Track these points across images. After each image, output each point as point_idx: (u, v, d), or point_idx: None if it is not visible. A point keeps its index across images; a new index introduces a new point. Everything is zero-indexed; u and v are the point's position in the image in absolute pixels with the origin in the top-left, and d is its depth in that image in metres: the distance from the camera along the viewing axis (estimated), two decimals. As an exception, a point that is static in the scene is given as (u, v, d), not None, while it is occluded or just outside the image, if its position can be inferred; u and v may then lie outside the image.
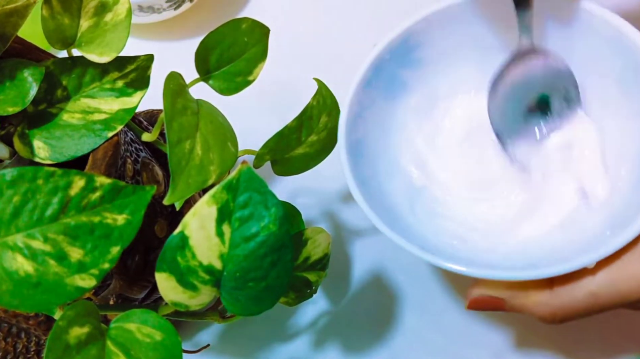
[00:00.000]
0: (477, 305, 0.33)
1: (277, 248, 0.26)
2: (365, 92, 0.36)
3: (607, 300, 0.30)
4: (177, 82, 0.30)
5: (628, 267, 0.29)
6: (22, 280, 0.25)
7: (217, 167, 0.29)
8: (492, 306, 0.32)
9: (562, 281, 0.30)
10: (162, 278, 0.26)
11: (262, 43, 0.34)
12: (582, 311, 0.30)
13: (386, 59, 0.37)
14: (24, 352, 0.37)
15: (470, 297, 0.33)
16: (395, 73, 0.38)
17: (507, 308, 0.32)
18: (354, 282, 0.44)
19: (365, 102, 0.36)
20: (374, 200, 0.34)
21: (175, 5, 0.54)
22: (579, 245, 0.32)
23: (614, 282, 0.29)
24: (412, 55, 0.38)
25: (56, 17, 0.31)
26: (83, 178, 0.25)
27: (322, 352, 0.42)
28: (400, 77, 0.38)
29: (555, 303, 0.31)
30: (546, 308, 0.31)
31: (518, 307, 0.32)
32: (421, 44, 0.37)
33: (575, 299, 0.30)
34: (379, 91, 0.37)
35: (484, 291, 0.32)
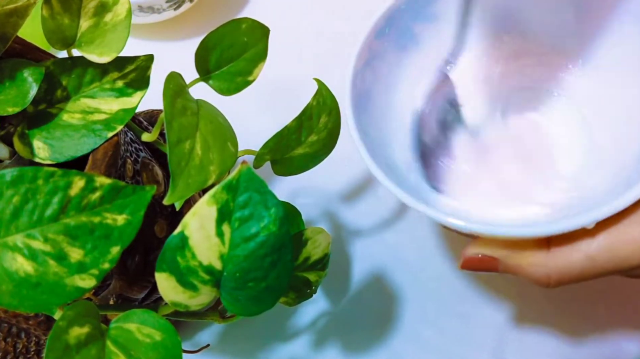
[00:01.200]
0: (471, 264, 0.32)
1: (277, 248, 0.26)
2: (377, 41, 0.35)
3: (605, 264, 0.28)
4: (177, 82, 0.30)
5: (628, 231, 0.28)
6: (22, 280, 0.25)
7: (217, 167, 0.29)
8: (486, 266, 0.31)
9: (560, 242, 0.29)
10: (162, 278, 0.26)
11: (262, 43, 0.34)
12: (578, 274, 0.29)
13: (401, 9, 0.36)
14: (24, 352, 0.37)
15: (465, 256, 0.32)
16: (408, 25, 0.37)
17: (501, 268, 0.31)
18: (354, 282, 0.44)
19: (375, 52, 0.36)
20: (376, 154, 0.33)
21: (175, 5, 0.54)
22: (581, 205, 0.31)
23: (613, 245, 0.28)
24: (428, 9, 0.37)
25: (56, 17, 0.31)
26: (83, 179, 0.25)
27: (322, 352, 0.42)
28: (412, 29, 0.37)
29: (551, 264, 0.29)
30: (541, 269, 0.30)
31: (512, 267, 0.31)
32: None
33: (571, 262, 0.29)
34: (390, 42, 0.36)
35: (479, 250, 0.31)
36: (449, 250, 0.44)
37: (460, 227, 0.30)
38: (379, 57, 0.36)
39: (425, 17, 0.37)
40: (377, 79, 0.36)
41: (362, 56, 0.35)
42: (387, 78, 0.37)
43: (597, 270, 0.29)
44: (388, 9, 0.36)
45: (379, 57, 0.36)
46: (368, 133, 0.34)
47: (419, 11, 0.37)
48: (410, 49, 0.38)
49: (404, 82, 0.38)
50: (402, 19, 0.36)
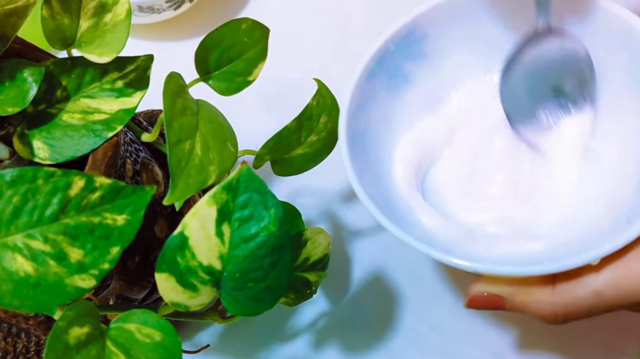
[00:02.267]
0: (477, 303, 0.32)
1: (277, 249, 0.26)
2: (368, 83, 0.35)
3: (612, 299, 0.29)
4: (177, 82, 0.30)
5: (634, 265, 0.28)
6: (22, 281, 0.25)
7: (216, 167, 0.29)
8: (492, 305, 0.32)
9: (565, 278, 0.30)
10: (162, 279, 0.26)
11: (262, 43, 0.34)
12: (585, 311, 0.29)
13: (391, 50, 0.36)
14: (24, 352, 0.37)
15: (470, 294, 0.32)
16: (398, 65, 0.37)
17: (507, 306, 0.31)
18: (354, 282, 0.44)
19: (368, 93, 0.36)
20: (374, 192, 0.33)
21: (175, 5, 0.54)
22: (584, 241, 0.31)
23: (619, 280, 0.28)
24: (418, 48, 0.37)
25: (56, 17, 0.31)
26: (83, 179, 0.25)
27: (322, 352, 0.42)
28: (403, 69, 0.37)
29: (557, 301, 0.30)
30: (548, 306, 0.30)
31: (519, 306, 0.31)
32: (427, 36, 0.37)
33: (578, 298, 0.29)
34: (382, 83, 0.36)
35: (484, 288, 0.31)
36: (448, 250, 0.44)
37: (465, 267, 0.30)
38: (371, 98, 0.36)
39: (415, 56, 0.37)
40: (370, 120, 0.36)
41: (354, 99, 0.35)
42: (382, 117, 0.37)
43: (603, 305, 0.29)
44: (377, 50, 0.35)
45: (371, 98, 0.36)
46: (365, 173, 0.34)
47: (409, 50, 0.37)
48: (402, 87, 0.38)
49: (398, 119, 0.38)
50: (392, 59, 0.36)
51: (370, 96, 0.36)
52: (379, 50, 0.35)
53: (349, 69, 0.35)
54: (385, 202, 0.34)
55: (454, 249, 0.33)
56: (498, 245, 0.34)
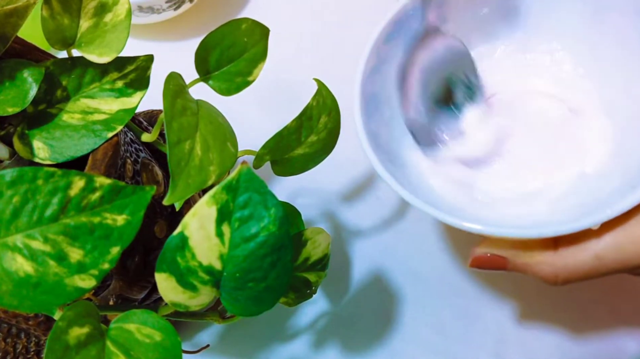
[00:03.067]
0: (480, 263, 0.33)
1: (277, 249, 0.26)
2: (385, 46, 0.35)
3: (612, 263, 0.29)
4: (177, 82, 0.30)
5: (634, 230, 0.29)
6: (22, 281, 0.25)
7: (216, 167, 0.29)
8: (495, 265, 0.32)
9: (567, 242, 0.30)
10: (161, 279, 0.26)
11: (262, 43, 0.34)
12: (585, 273, 0.30)
13: (409, 14, 0.36)
14: (24, 352, 0.37)
15: (474, 255, 0.33)
16: (416, 28, 0.36)
17: (509, 266, 0.32)
18: (354, 282, 0.44)
19: (384, 56, 0.35)
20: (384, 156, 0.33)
21: (175, 5, 0.54)
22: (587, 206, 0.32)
23: (619, 245, 0.29)
24: (437, 12, 0.37)
25: (56, 17, 0.31)
26: (83, 179, 0.25)
27: (322, 352, 0.42)
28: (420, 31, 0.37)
29: (558, 263, 0.30)
30: (549, 268, 0.31)
31: (520, 266, 0.32)
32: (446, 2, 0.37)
33: (579, 261, 0.30)
34: (399, 46, 0.36)
35: (488, 249, 0.32)
36: (449, 250, 0.44)
37: (470, 229, 0.30)
38: (387, 62, 0.36)
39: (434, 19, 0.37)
40: (385, 83, 0.36)
41: (370, 61, 0.35)
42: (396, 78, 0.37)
43: (604, 269, 0.30)
44: (396, 13, 0.35)
45: (388, 62, 0.36)
46: (378, 136, 0.34)
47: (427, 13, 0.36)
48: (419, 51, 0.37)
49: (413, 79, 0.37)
50: (410, 23, 0.36)
51: (386, 59, 0.36)
52: (398, 13, 0.35)
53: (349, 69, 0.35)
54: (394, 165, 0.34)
55: (460, 212, 0.33)
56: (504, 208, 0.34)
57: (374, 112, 0.35)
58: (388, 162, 0.33)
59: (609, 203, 0.29)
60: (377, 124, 0.35)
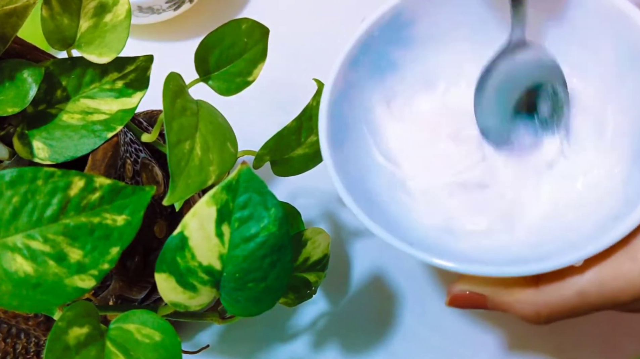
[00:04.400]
0: (458, 302, 0.32)
1: (277, 249, 0.26)
2: (352, 71, 0.34)
3: (595, 300, 0.29)
4: (177, 82, 0.30)
5: (618, 266, 0.28)
6: (22, 281, 0.25)
7: (216, 167, 0.29)
8: (474, 303, 0.31)
9: (549, 279, 0.29)
10: (161, 279, 0.26)
11: (262, 43, 0.34)
12: (569, 311, 0.29)
13: (375, 36, 0.34)
14: (24, 353, 0.37)
15: (452, 293, 0.32)
16: (383, 51, 0.35)
17: (489, 305, 0.31)
18: (354, 283, 0.44)
19: (351, 81, 0.34)
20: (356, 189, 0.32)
21: (174, 6, 0.54)
22: (566, 240, 0.31)
23: (602, 281, 0.28)
24: (404, 33, 0.35)
25: (56, 17, 0.31)
26: (82, 179, 0.25)
27: (322, 352, 0.42)
28: (389, 55, 0.36)
29: (539, 301, 0.29)
30: (530, 306, 0.30)
31: (500, 305, 0.31)
32: (414, 21, 0.35)
33: (561, 298, 0.29)
34: (365, 70, 0.35)
35: (466, 287, 0.31)
36: (448, 250, 0.44)
37: (447, 268, 0.29)
38: (355, 86, 0.34)
39: (401, 41, 0.36)
40: (353, 108, 0.34)
41: (336, 87, 0.33)
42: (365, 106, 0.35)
43: (587, 306, 0.29)
44: (360, 36, 0.34)
45: (355, 86, 0.34)
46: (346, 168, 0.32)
47: (394, 36, 0.35)
48: (387, 73, 0.36)
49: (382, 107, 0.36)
50: (377, 46, 0.35)
51: (353, 84, 0.34)
52: (363, 35, 0.34)
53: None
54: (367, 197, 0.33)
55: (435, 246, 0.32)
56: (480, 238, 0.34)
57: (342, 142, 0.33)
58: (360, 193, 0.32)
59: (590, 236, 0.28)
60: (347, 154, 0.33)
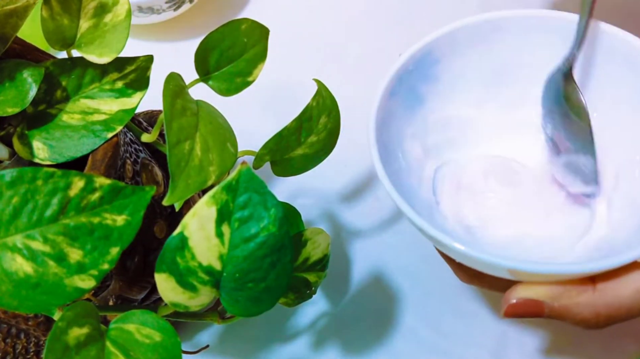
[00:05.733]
0: (516, 310, 0.30)
1: (277, 249, 0.26)
2: (390, 101, 0.36)
3: None
4: (177, 82, 0.30)
5: None
6: (22, 281, 0.25)
7: (216, 167, 0.29)
8: (531, 311, 0.30)
9: (606, 278, 0.29)
10: (161, 279, 0.26)
11: (262, 44, 0.34)
12: (628, 310, 0.28)
13: (409, 70, 0.36)
14: (24, 353, 0.37)
15: (509, 302, 0.30)
16: (414, 86, 0.37)
17: (546, 312, 0.30)
18: (354, 283, 0.44)
19: (390, 110, 0.36)
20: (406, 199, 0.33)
21: (174, 6, 0.54)
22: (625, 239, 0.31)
23: None
24: (431, 70, 0.37)
25: (56, 17, 0.31)
26: (82, 179, 0.25)
27: (322, 353, 0.42)
28: (418, 90, 0.38)
29: (599, 302, 0.28)
30: (589, 308, 0.29)
31: (559, 310, 0.29)
32: (439, 60, 0.37)
33: (621, 297, 0.28)
34: (400, 101, 0.37)
35: (523, 294, 0.30)
36: (448, 250, 0.44)
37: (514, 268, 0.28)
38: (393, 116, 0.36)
39: (428, 78, 0.38)
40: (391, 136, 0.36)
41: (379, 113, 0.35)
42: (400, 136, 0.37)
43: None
44: (399, 69, 0.36)
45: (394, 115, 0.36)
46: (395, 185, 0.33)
47: (424, 72, 0.37)
48: (416, 108, 0.38)
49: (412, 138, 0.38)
50: (410, 80, 0.37)
51: (391, 112, 0.36)
52: (399, 69, 0.36)
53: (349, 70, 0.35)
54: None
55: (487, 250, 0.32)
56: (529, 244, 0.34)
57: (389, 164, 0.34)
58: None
59: None
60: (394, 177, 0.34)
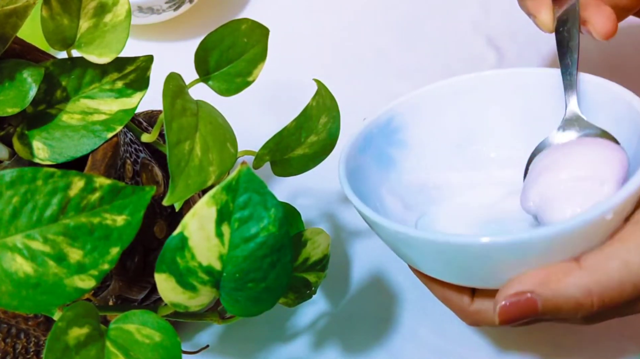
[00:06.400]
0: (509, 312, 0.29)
1: (277, 249, 0.26)
2: (360, 157, 0.36)
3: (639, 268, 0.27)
4: (177, 82, 0.30)
5: None
6: (22, 281, 0.25)
7: (216, 167, 0.29)
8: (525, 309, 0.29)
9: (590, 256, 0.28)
10: (161, 279, 0.26)
11: (262, 44, 0.34)
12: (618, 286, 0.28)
13: (375, 133, 0.37)
14: (24, 353, 0.37)
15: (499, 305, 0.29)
16: (383, 149, 0.37)
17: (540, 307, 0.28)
18: (354, 283, 0.44)
19: (361, 164, 0.36)
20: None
21: (174, 6, 0.54)
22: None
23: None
24: (397, 136, 0.38)
25: (56, 17, 0.31)
26: (82, 179, 0.25)
27: (322, 353, 0.42)
28: (388, 153, 0.38)
29: (589, 280, 0.28)
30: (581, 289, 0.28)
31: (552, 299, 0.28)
32: (405, 126, 0.37)
33: (609, 273, 0.28)
34: (372, 159, 0.37)
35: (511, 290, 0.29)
36: (448, 250, 0.44)
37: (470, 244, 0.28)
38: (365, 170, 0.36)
39: (396, 142, 0.38)
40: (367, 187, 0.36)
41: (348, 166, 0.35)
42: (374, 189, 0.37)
43: (634, 276, 0.28)
44: (364, 129, 0.36)
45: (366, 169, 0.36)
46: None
47: (390, 137, 0.37)
48: (390, 169, 0.38)
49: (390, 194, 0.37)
50: (377, 141, 0.37)
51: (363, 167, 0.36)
52: (364, 131, 0.36)
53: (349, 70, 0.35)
54: None
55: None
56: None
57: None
58: None
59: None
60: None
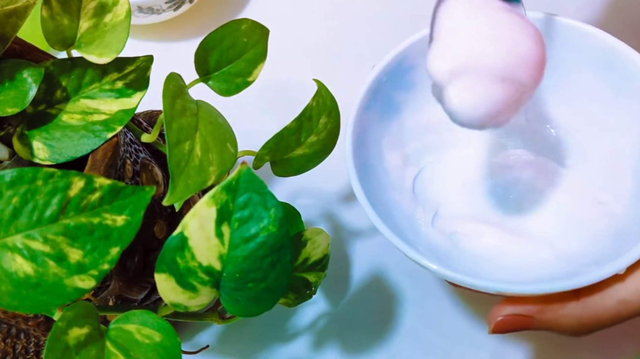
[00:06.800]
0: (504, 326, 0.31)
1: (277, 249, 0.26)
2: (365, 115, 0.36)
3: (636, 307, 0.29)
4: (177, 82, 0.30)
5: None
6: (22, 281, 0.25)
7: (216, 167, 0.29)
8: (519, 325, 0.31)
9: (589, 291, 0.30)
10: (161, 279, 0.26)
11: (262, 44, 0.34)
12: (610, 319, 0.30)
13: (383, 81, 0.37)
14: (23, 353, 0.37)
15: (496, 319, 0.31)
16: (390, 96, 0.37)
17: (535, 324, 0.31)
18: (354, 283, 0.44)
19: (366, 125, 0.36)
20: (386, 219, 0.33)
21: (174, 6, 0.54)
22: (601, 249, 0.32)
23: None
24: (406, 78, 0.38)
25: (55, 17, 0.31)
26: (82, 179, 0.25)
27: (322, 353, 0.42)
28: (394, 99, 0.38)
29: (584, 314, 0.30)
30: (575, 319, 0.30)
31: (546, 322, 0.30)
32: (415, 67, 0.37)
33: (605, 308, 0.29)
34: (376, 114, 0.37)
35: (510, 310, 0.30)
36: (448, 250, 0.44)
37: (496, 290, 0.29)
38: (368, 131, 0.36)
39: (404, 86, 0.38)
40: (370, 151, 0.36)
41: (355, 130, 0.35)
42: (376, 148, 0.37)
43: (629, 313, 0.29)
44: (372, 82, 0.36)
45: (369, 130, 0.36)
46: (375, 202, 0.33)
47: (399, 81, 0.37)
48: (394, 117, 0.38)
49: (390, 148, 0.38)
50: (385, 91, 0.37)
51: (367, 127, 0.36)
52: (373, 82, 0.36)
53: (349, 70, 0.35)
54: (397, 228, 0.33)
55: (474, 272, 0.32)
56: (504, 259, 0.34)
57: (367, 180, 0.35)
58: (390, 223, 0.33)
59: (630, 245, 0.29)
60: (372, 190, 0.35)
